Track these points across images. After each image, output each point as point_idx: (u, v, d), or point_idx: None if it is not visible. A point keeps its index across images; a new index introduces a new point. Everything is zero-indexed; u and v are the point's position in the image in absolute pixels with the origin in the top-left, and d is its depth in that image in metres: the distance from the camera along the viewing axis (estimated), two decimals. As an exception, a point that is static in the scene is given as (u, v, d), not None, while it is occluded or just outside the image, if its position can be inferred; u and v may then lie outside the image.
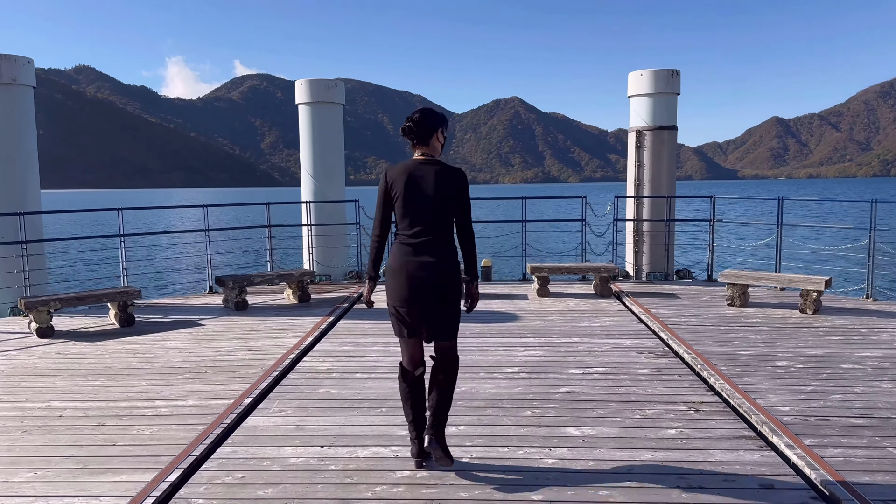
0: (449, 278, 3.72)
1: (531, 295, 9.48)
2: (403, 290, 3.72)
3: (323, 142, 11.21)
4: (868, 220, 8.80)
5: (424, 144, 3.78)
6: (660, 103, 10.91)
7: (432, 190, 3.67)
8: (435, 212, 3.68)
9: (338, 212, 11.28)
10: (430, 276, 3.66)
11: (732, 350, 6.46)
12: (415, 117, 3.77)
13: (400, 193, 3.69)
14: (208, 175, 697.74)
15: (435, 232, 3.68)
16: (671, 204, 10.66)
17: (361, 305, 8.98)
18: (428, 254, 3.67)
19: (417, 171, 3.72)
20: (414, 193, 3.67)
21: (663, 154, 10.96)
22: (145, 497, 3.57)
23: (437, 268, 3.67)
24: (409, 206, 3.68)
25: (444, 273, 3.69)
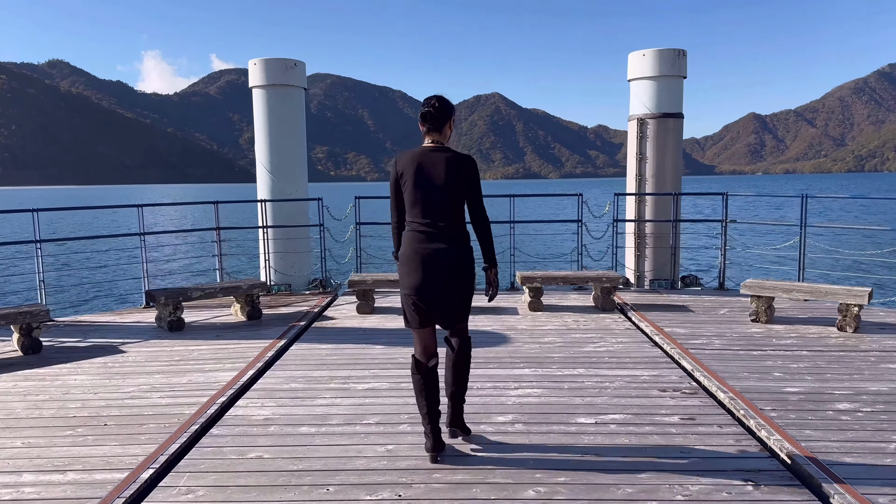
0: (462, 264, 3.73)
1: (522, 309, 8.16)
2: (416, 278, 3.73)
3: (281, 131, 9.79)
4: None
5: (438, 132, 3.80)
6: (664, 87, 9.63)
7: (443, 177, 3.68)
8: (445, 199, 3.68)
9: (299, 212, 9.87)
10: (442, 263, 3.68)
11: (776, 386, 5.18)
12: (434, 104, 3.77)
13: (410, 181, 3.71)
14: (186, 171, 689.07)
15: (446, 219, 3.70)
16: (677, 202, 9.39)
17: (323, 323, 7.61)
18: (440, 240, 3.68)
19: (427, 158, 3.73)
20: (424, 181, 3.69)
21: (668, 145, 9.68)
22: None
23: (449, 254, 3.69)
24: (419, 193, 3.70)
25: (457, 259, 3.71)
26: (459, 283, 3.76)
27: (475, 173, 3.78)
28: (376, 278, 8.07)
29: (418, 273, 3.71)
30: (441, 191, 3.68)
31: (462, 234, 3.78)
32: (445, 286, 3.72)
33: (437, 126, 3.79)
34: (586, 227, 9.41)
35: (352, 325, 7.51)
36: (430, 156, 3.74)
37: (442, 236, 3.70)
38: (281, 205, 9.73)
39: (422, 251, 3.70)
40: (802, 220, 8.59)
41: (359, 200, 9.37)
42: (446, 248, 3.69)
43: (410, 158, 3.75)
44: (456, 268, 3.72)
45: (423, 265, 3.70)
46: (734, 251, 8.99)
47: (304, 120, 10.15)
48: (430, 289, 3.72)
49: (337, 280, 10.39)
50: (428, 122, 3.78)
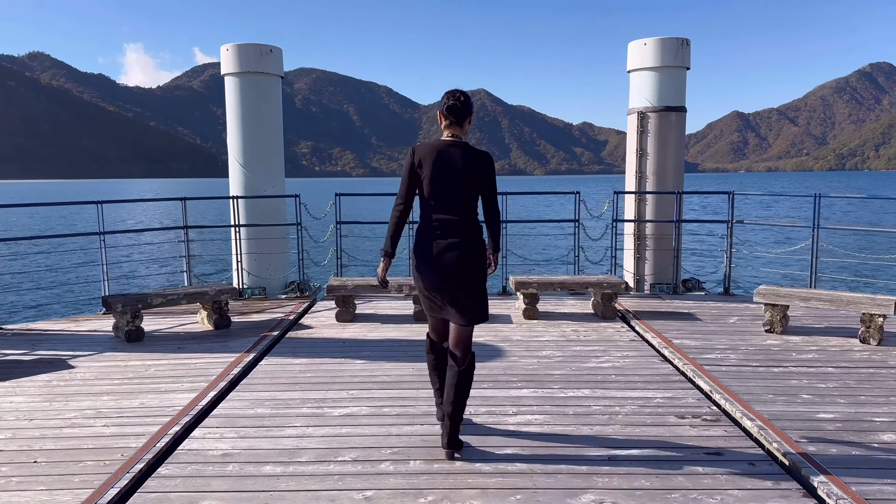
0: (477, 260, 3.76)
1: (516, 316, 7.52)
2: (431, 273, 3.74)
3: (256, 123, 9.08)
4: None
5: (459, 126, 3.80)
6: (666, 79, 9.02)
7: (460, 171, 3.70)
8: (461, 193, 3.71)
9: (275, 210, 9.16)
10: (458, 258, 3.69)
11: (807, 411, 4.58)
12: (460, 97, 3.78)
13: (428, 173, 3.72)
14: (169, 165, 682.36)
15: (462, 213, 3.72)
16: (680, 201, 8.80)
17: (298, 332, 6.94)
18: (454, 234, 3.70)
19: (446, 151, 3.74)
20: (442, 174, 3.71)
21: (670, 140, 9.08)
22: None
23: (465, 249, 3.70)
24: (437, 186, 3.71)
25: (473, 255, 3.73)
26: (471, 276, 3.75)
27: (492, 169, 3.79)
28: (357, 283, 7.41)
29: (433, 266, 3.73)
30: (458, 185, 3.71)
31: (476, 228, 3.80)
32: (459, 281, 3.72)
33: (460, 120, 3.79)
34: (583, 227, 8.80)
35: (330, 335, 6.84)
36: (449, 149, 3.75)
37: (457, 230, 3.71)
38: (255, 202, 9.03)
39: (436, 245, 3.71)
40: (815, 221, 8.03)
41: (339, 198, 8.69)
42: (460, 241, 3.71)
43: (430, 150, 3.75)
44: (469, 263, 3.72)
45: (438, 259, 3.71)
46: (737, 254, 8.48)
47: (281, 111, 9.44)
48: (445, 284, 3.73)
49: (316, 283, 9.71)
50: (453, 115, 3.77)
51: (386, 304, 8.26)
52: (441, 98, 3.85)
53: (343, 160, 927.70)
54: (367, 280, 7.56)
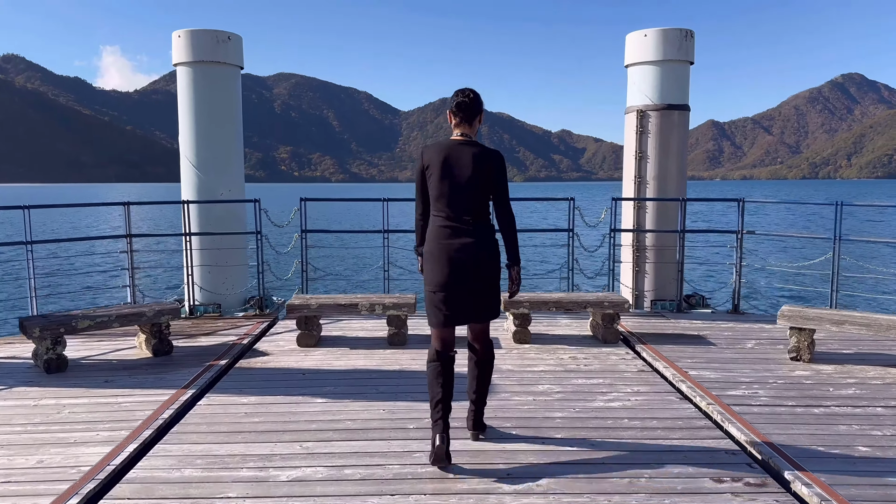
0: (489, 260, 3.68)
1: (505, 340, 6.59)
2: (443, 274, 3.65)
3: (211, 119, 8.07)
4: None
5: (468, 124, 3.73)
6: (669, 74, 8.17)
7: (470, 171, 3.63)
8: (472, 193, 3.64)
9: (232, 216, 8.15)
10: (470, 259, 3.62)
11: (871, 471, 3.69)
12: (470, 94, 3.72)
13: (436, 174, 3.65)
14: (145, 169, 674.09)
15: (472, 213, 3.65)
16: (684, 209, 7.93)
17: (251, 360, 5.93)
18: (466, 235, 3.63)
19: (455, 151, 3.67)
20: (451, 174, 3.63)
21: (672, 142, 8.23)
22: None
23: (477, 250, 3.63)
24: (445, 186, 3.64)
25: (485, 255, 3.65)
26: (486, 279, 3.69)
27: (503, 168, 3.71)
28: (323, 301, 6.42)
29: (444, 269, 3.64)
30: (468, 185, 3.63)
31: (488, 229, 3.73)
32: (472, 283, 3.66)
33: (469, 118, 3.72)
34: (579, 237, 7.90)
35: (289, 363, 5.84)
36: (458, 149, 3.68)
37: (468, 231, 3.64)
38: (210, 208, 8.01)
39: (448, 247, 3.64)
40: (836, 233, 7.21)
41: (304, 203, 7.71)
42: (473, 242, 3.64)
43: (438, 150, 3.68)
44: (482, 264, 3.66)
45: (449, 261, 3.63)
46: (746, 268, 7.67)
47: (240, 105, 8.45)
48: (457, 285, 3.65)
49: (281, 298, 8.70)
50: (462, 112, 3.71)
51: (356, 325, 7.28)
52: (453, 95, 3.77)
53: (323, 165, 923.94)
54: (335, 298, 6.58)
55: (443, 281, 3.65)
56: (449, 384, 3.72)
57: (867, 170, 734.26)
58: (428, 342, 4.32)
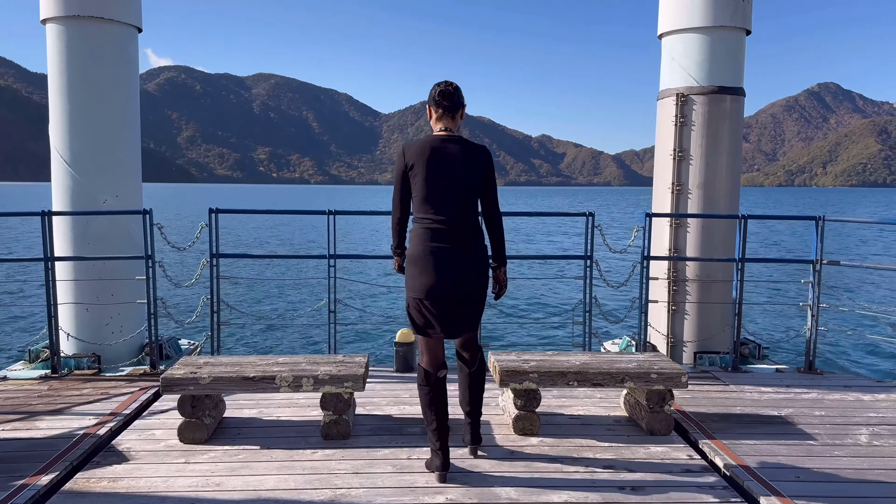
0: (479, 266, 3.53)
1: (501, 428, 4.38)
2: (430, 281, 3.45)
3: (92, 96, 5.79)
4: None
5: (451, 118, 3.54)
6: (720, 46, 6.06)
7: (459, 170, 3.46)
8: (462, 194, 3.47)
9: (120, 234, 5.87)
10: (459, 265, 3.45)
11: None
12: (452, 84, 3.54)
13: (422, 174, 3.44)
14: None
15: (461, 214, 3.47)
16: (744, 230, 5.78)
17: (92, 476, 3.66)
18: (455, 240, 3.45)
19: (441, 148, 3.46)
20: (438, 173, 3.43)
21: (724, 137, 6.11)
22: None
23: (465, 255, 3.46)
24: (433, 187, 3.44)
25: (474, 260, 3.49)
26: (475, 285, 3.51)
27: (491, 166, 3.56)
28: (220, 372, 4.15)
29: (431, 274, 3.44)
30: (456, 184, 3.45)
31: (478, 231, 3.57)
32: (460, 288, 3.46)
33: (453, 110, 3.52)
34: (599, 267, 5.72)
35: (152, 484, 3.58)
36: (443, 146, 3.46)
37: (457, 234, 3.45)
38: (86, 222, 5.73)
39: (435, 250, 3.44)
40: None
41: (216, 215, 5.45)
42: (461, 246, 3.45)
43: (421, 148, 3.45)
44: (471, 268, 3.48)
45: (436, 266, 3.43)
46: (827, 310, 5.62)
47: (137, 80, 6.20)
48: (445, 292, 3.44)
49: (193, 340, 6.44)
50: (447, 101, 3.50)
51: (276, 405, 4.95)
52: (432, 88, 3.54)
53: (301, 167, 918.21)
54: (241, 365, 4.32)
55: (429, 286, 3.44)
56: (445, 406, 3.60)
57: (842, 178, 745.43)
58: (394, 433, 3.99)
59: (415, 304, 3.51)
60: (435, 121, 3.55)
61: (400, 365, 5.53)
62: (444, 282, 3.43)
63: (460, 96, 3.53)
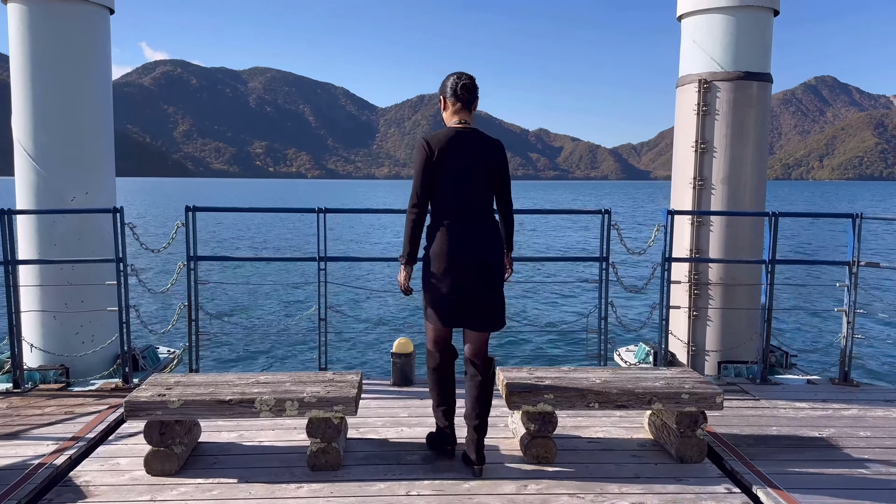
0: (499, 259, 3.52)
1: (510, 452, 3.88)
2: (456, 275, 3.41)
3: (58, 83, 5.27)
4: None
5: (468, 110, 3.52)
6: (746, 27, 5.55)
7: (479, 162, 3.45)
8: (484, 186, 3.47)
9: (91, 234, 5.35)
10: (485, 257, 3.44)
11: None
12: (471, 77, 3.52)
13: (449, 166, 3.41)
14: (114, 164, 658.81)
15: (483, 207, 3.49)
16: (774, 228, 5.28)
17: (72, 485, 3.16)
18: (479, 232, 3.44)
19: (463, 140, 3.45)
20: (463, 166, 3.42)
21: (750, 127, 5.61)
22: None
23: (489, 248, 3.45)
24: (458, 179, 3.42)
25: (496, 253, 3.48)
26: (499, 279, 3.51)
27: (506, 159, 3.54)
28: (193, 395, 3.64)
29: (458, 269, 3.40)
30: (479, 177, 3.44)
31: (496, 224, 3.56)
32: (486, 283, 3.44)
33: (471, 102, 3.50)
34: (616, 270, 5.22)
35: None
36: (465, 138, 3.44)
37: (480, 227, 3.45)
38: (52, 222, 5.22)
39: (460, 245, 3.40)
40: None
41: (193, 214, 4.94)
42: (487, 239, 3.45)
43: (446, 140, 3.42)
44: (495, 262, 3.47)
45: (464, 258, 3.39)
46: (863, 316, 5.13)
47: (110, 66, 5.67)
48: (471, 284, 3.41)
49: (173, 348, 5.94)
50: (468, 93, 3.47)
51: (258, 427, 4.43)
52: (446, 81, 3.52)
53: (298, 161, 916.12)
54: (216, 385, 3.80)
55: (456, 282, 3.40)
56: (454, 388, 3.67)
57: (839, 171, 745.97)
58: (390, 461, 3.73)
59: (438, 297, 3.46)
60: (452, 113, 3.51)
61: (397, 378, 5.03)
62: (471, 276, 3.41)
63: (477, 89, 3.53)
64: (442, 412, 3.69)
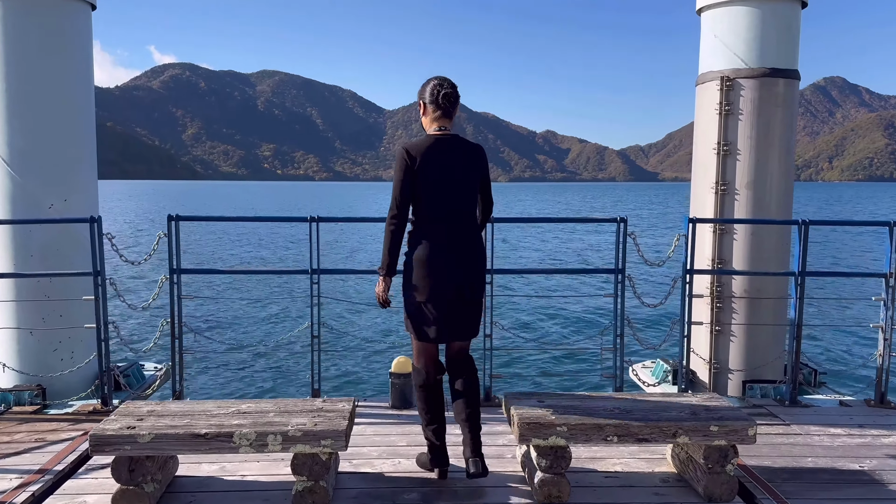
0: (482, 268, 3.46)
1: (521, 495, 3.50)
2: (438, 281, 3.31)
3: (35, 83, 4.94)
4: None
5: (449, 117, 3.43)
6: (771, 21, 5.16)
7: (461, 168, 3.38)
8: (467, 193, 3.40)
9: (71, 245, 5.01)
10: (464, 266, 3.36)
11: None
12: (454, 85, 3.43)
13: (429, 174, 3.31)
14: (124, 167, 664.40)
15: (466, 214, 3.42)
16: (804, 237, 4.88)
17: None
18: (462, 240, 3.37)
19: (444, 147, 3.36)
20: (444, 173, 3.33)
21: (776, 127, 5.22)
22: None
23: (471, 256, 3.39)
24: (440, 187, 3.33)
25: (479, 262, 3.44)
26: (479, 286, 3.45)
27: (487, 163, 3.51)
28: (165, 427, 3.28)
29: (440, 275, 3.31)
30: (461, 183, 3.37)
31: (478, 230, 3.51)
32: (468, 292, 3.37)
33: (452, 110, 3.42)
34: (632, 283, 4.83)
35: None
36: (446, 144, 3.36)
37: (463, 234, 3.38)
38: (29, 232, 4.88)
39: (442, 253, 3.32)
40: None
41: (175, 223, 4.58)
42: (467, 247, 3.37)
43: (425, 148, 3.34)
44: (478, 270, 3.42)
45: (446, 267, 3.31)
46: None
47: (92, 64, 5.34)
48: (453, 293, 3.33)
49: (159, 366, 5.59)
50: (448, 103, 3.38)
51: (239, 460, 4.03)
52: (427, 86, 3.40)
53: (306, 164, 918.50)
54: (191, 415, 3.44)
55: (438, 290, 3.30)
56: (443, 406, 3.54)
57: (848, 172, 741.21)
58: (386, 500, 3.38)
59: (418, 308, 3.37)
60: (432, 119, 3.41)
61: (396, 400, 4.65)
62: (451, 283, 3.33)
63: (459, 97, 3.46)
64: (432, 431, 3.52)
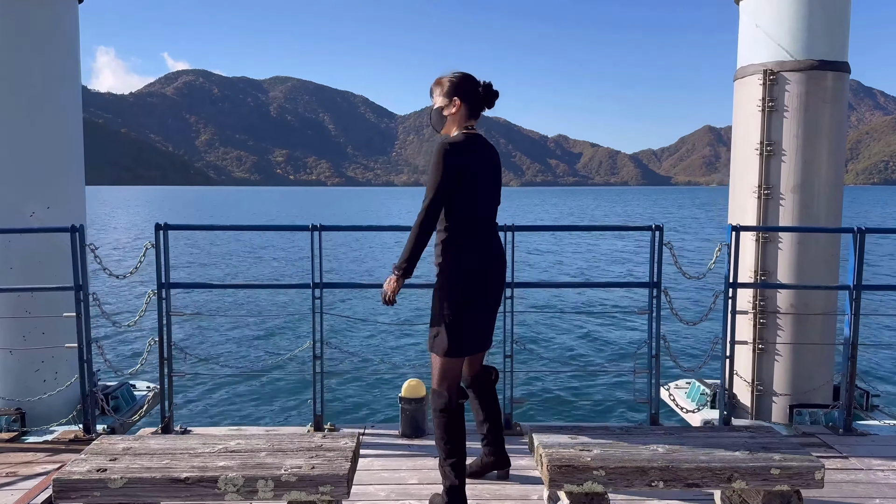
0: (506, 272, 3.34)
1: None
2: (491, 292, 3.19)
3: (17, 82, 4.55)
4: None
5: (475, 118, 3.23)
6: (819, 10, 4.68)
7: (494, 169, 3.23)
8: (495, 194, 3.25)
9: (55, 256, 4.61)
10: (502, 270, 3.26)
11: None
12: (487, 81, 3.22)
13: (474, 177, 3.10)
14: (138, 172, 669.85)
15: (494, 218, 3.29)
16: (860, 246, 4.38)
17: None
18: (498, 246, 3.25)
19: (478, 147, 3.15)
20: (484, 174, 3.16)
21: (824, 126, 4.73)
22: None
23: (504, 261, 3.28)
24: (482, 188, 3.15)
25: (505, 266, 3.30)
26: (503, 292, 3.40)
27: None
28: (143, 470, 2.85)
29: (491, 283, 3.18)
30: (495, 185, 3.24)
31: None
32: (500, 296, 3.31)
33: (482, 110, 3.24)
34: (669, 298, 4.35)
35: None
36: (480, 144, 3.18)
37: (497, 240, 3.27)
38: (8, 242, 4.48)
39: (493, 257, 3.19)
40: None
41: (164, 233, 4.17)
42: (502, 251, 3.28)
43: (471, 150, 3.11)
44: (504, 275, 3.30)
45: (496, 274, 3.21)
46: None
47: (79, 61, 4.95)
48: (496, 301, 3.24)
49: (148, 384, 5.18)
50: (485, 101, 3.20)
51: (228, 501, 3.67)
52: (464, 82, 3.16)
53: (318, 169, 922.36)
54: (188, 448, 3.01)
55: (492, 299, 3.19)
56: (464, 437, 3.18)
57: (864, 176, 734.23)
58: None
59: (469, 318, 3.10)
60: (466, 117, 3.17)
61: (407, 428, 4.20)
62: (498, 292, 3.27)
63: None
64: (451, 465, 3.10)
